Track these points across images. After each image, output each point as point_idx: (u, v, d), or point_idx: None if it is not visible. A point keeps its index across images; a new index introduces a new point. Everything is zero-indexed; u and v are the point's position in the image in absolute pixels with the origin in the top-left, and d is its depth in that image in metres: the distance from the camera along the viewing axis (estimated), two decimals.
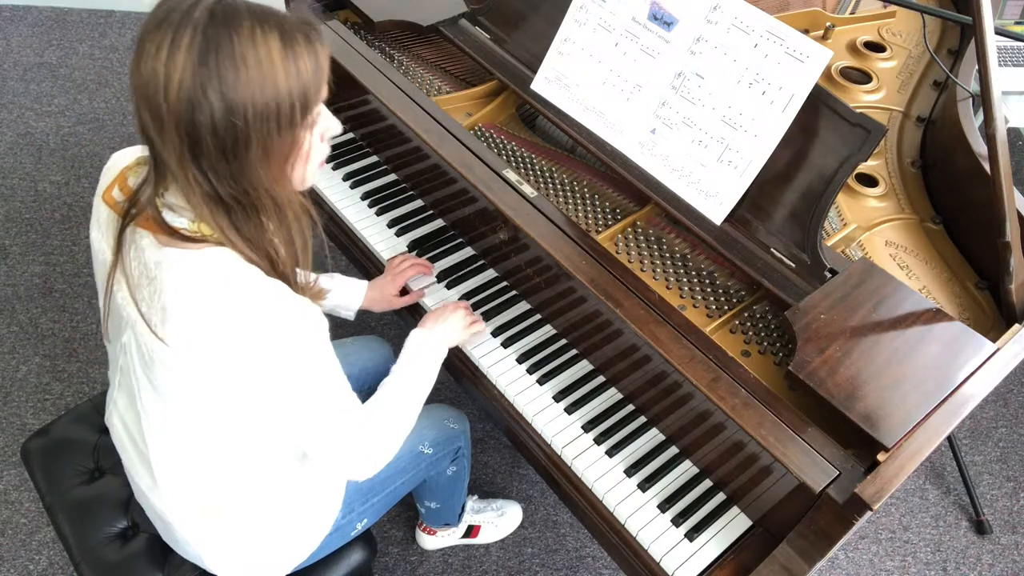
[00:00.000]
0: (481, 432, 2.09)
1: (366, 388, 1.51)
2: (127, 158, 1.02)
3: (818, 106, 1.18)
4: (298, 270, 0.99)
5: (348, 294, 1.42)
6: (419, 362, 1.23)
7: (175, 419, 1.02)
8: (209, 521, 1.12)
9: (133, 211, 0.93)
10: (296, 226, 0.94)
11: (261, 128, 0.83)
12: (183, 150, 0.83)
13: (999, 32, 1.54)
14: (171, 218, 0.91)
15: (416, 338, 1.26)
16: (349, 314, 1.43)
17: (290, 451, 1.10)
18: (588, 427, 1.30)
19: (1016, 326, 1.21)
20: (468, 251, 1.54)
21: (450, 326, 1.31)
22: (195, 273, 0.90)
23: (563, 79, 1.42)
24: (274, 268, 0.94)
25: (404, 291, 1.47)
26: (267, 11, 0.84)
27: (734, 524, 1.21)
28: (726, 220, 1.28)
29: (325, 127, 0.93)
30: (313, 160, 0.94)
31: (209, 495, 1.09)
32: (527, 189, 1.37)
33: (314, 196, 1.65)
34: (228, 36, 0.80)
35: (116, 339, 1.04)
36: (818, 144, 1.19)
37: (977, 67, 1.17)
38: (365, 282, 1.44)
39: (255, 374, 0.93)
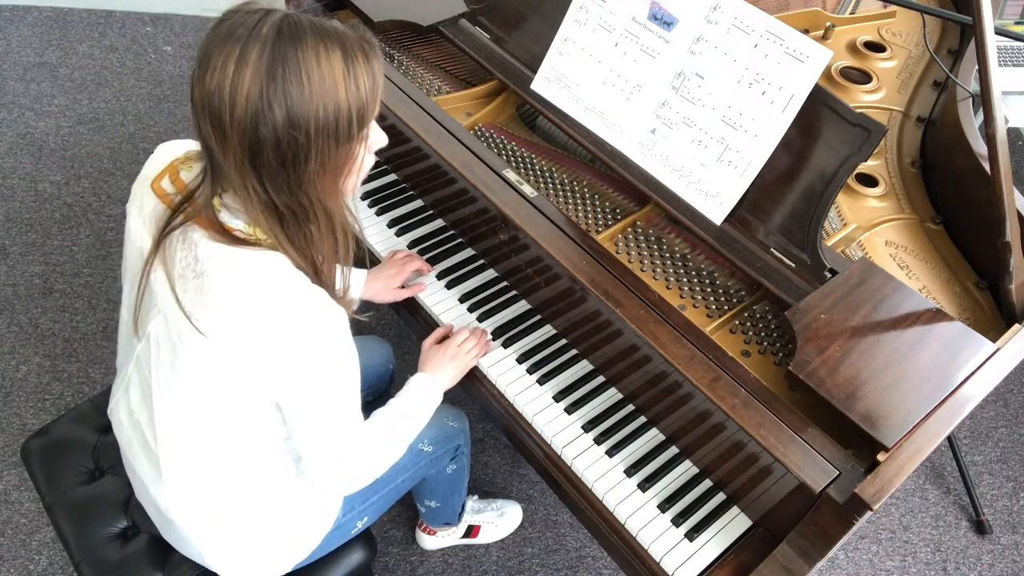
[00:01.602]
0: (481, 432, 2.09)
1: (366, 387, 1.51)
2: (174, 150, 1.04)
3: (818, 106, 1.18)
4: (338, 279, 1.01)
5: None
6: (418, 406, 1.24)
7: (191, 412, 1.03)
8: (212, 517, 1.12)
9: (187, 207, 0.95)
10: (342, 238, 0.97)
11: (321, 142, 0.86)
12: (244, 161, 0.86)
13: (999, 32, 1.54)
14: (227, 218, 0.93)
15: (419, 383, 1.26)
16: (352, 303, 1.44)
17: (293, 453, 1.11)
18: (588, 427, 1.30)
19: (1016, 326, 1.21)
20: (468, 251, 1.54)
21: (449, 373, 1.31)
22: (248, 273, 0.92)
23: (563, 79, 1.43)
24: (318, 276, 0.96)
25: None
26: (329, 28, 0.86)
27: (734, 524, 1.21)
28: (726, 220, 1.28)
29: (374, 139, 0.96)
30: (363, 171, 0.98)
31: (213, 492, 1.10)
32: (527, 189, 1.37)
33: None
34: (294, 53, 0.82)
35: (142, 328, 1.05)
36: (818, 144, 1.19)
37: (977, 67, 1.17)
38: (364, 271, 1.44)
39: (283, 374, 0.95)
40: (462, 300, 1.46)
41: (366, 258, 1.16)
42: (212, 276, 0.93)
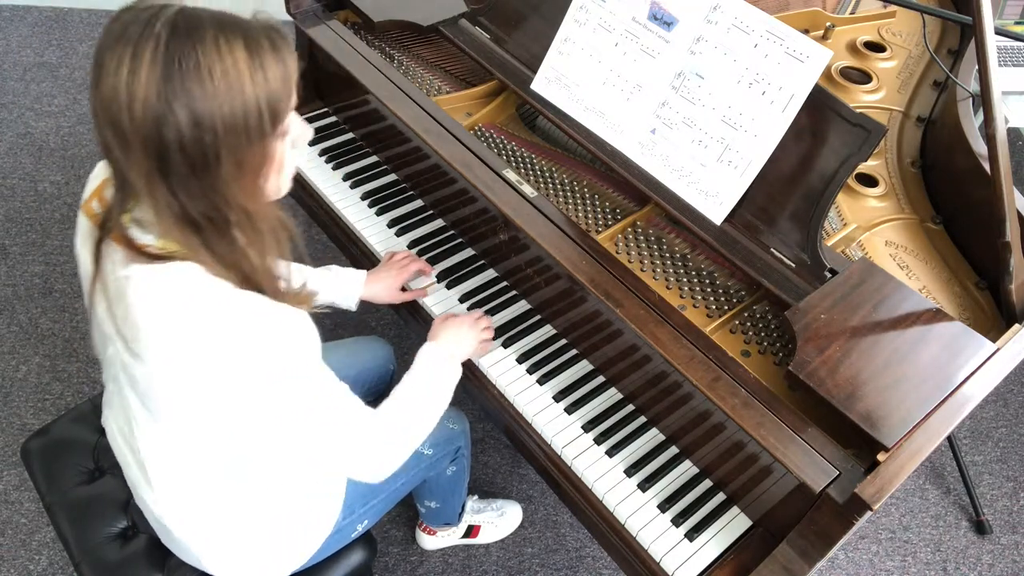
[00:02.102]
0: (481, 432, 2.09)
1: (366, 388, 1.51)
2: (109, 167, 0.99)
3: (818, 106, 1.18)
4: (282, 273, 0.95)
5: (347, 284, 1.41)
6: (433, 375, 1.20)
7: (166, 430, 1.01)
8: (208, 525, 1.12)
9: (108, 225, 0.91)
10: (271, 239, 0.91)
11: (231, 141, 0.81)
12: (151, 169, 0.80)
13: (999, 32, 1.54)
14: (138, 234, 0.88)
15: (429, 352, 1.22)
16: (350, 304, 1.43)
17: (288, 456, 1.09)
18: (588, 427, 1.30)
19: (1016, 326, 1.21)
20: (468, 251, 1.54)
21: (463, 342, 1.28)
22: (160, 290, 0.87)
23: (563, 79, 1.42)
24: (247, 281, 0.90)
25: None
26: (230, 19, 0.81)
27: (734, 524, 1.21)
28: (726, 220, 1.28)
29: (297, 134, 0.90)
30: (287, 169, 0.91)
31: (207, 501, 1.09)
32: (527, 189, 1.37)
33: (313, 196, 1.65)
34: (192, 48, 0.77)
35: (103, 351, 1.02)
36: (818, 144, 1.19)
37: (977, 67, 1.17)
38: (363, 272, 1.43)
39: (236, 387, 0.91)
40: (462, 300, 1.46)
41: (304, 257, 1.03)
42: (131, 298, 0.88)
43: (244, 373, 0.90)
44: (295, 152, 0.92)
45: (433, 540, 1.83)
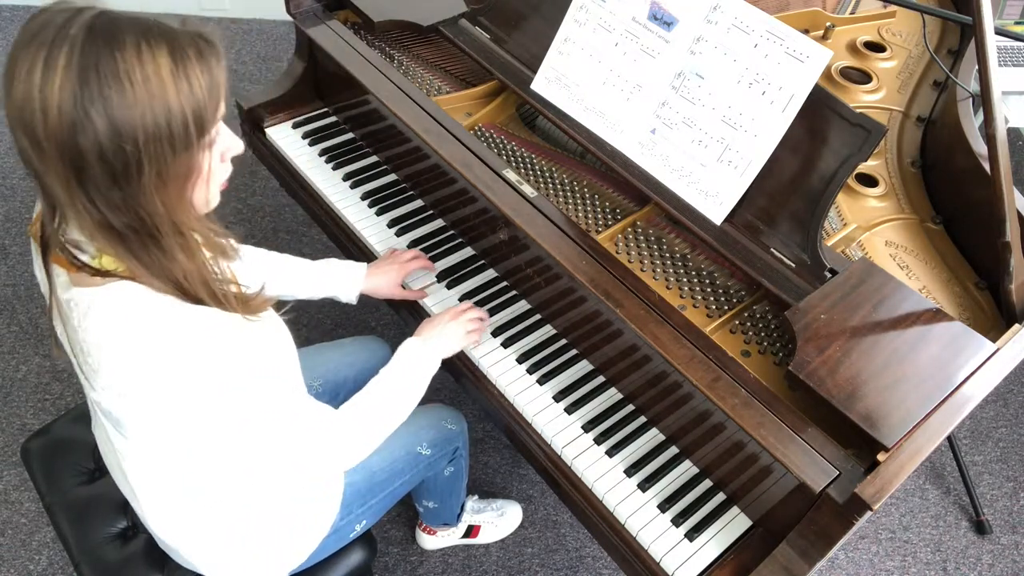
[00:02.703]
0: (481, 432, 2.09)
1: None
2: None
3: (818, 106, 1.18)
4: (236, 277, 0.94)
5: (348, 277, 1.41)
6: (408, 372, 1.22)
7: (141, 448, 1.00)
8: (197, 532, 1.11)
9: (47, 245, 0.89)
10: (200, 256, 0.88)
11: (154, 151, 0.77)
12: (68, 177, 0.77)
13: (999, 32, 1.54)
14: (74, 253, 0.87)
15: (409, 348, 1.25)
16: (351, 298, 1.42)
17: (263, 461, 1.06)
18: (588, 427, 1.30)
19: (1016, 326, 1.21)
20: (468, 251, 1.54)
21: (447, 337, 1.30)
22: (102, 312, 0.86)
23: (563, 79, 1.42)
24: (185, 292, 0.87)
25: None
26: (153, 24, 0.78)
27: (734, 524, 1.21)
28: (726, 220, 1.28)
29: (226, 146, 0.88)
30: (214, 181, 0.88)
31: (193, 509, 1.09)
32: (527, 189, 1.37)
33: (313, 196, 1.65)
34: (110, 53, 0.74)
35: (75, 368, 1.01)
36: (818, 144, 1.19)
37: (977, 67, 1.17)
38: (364, 265, 1.43)
39: (190, 403, 0.89)
40: (462, 300, 1.46)
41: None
42: (74, 322, 0.87)
43: (196, 389, 0.88)
44: (224, 166, 0.90)
45: (433, 540, 1.84)
